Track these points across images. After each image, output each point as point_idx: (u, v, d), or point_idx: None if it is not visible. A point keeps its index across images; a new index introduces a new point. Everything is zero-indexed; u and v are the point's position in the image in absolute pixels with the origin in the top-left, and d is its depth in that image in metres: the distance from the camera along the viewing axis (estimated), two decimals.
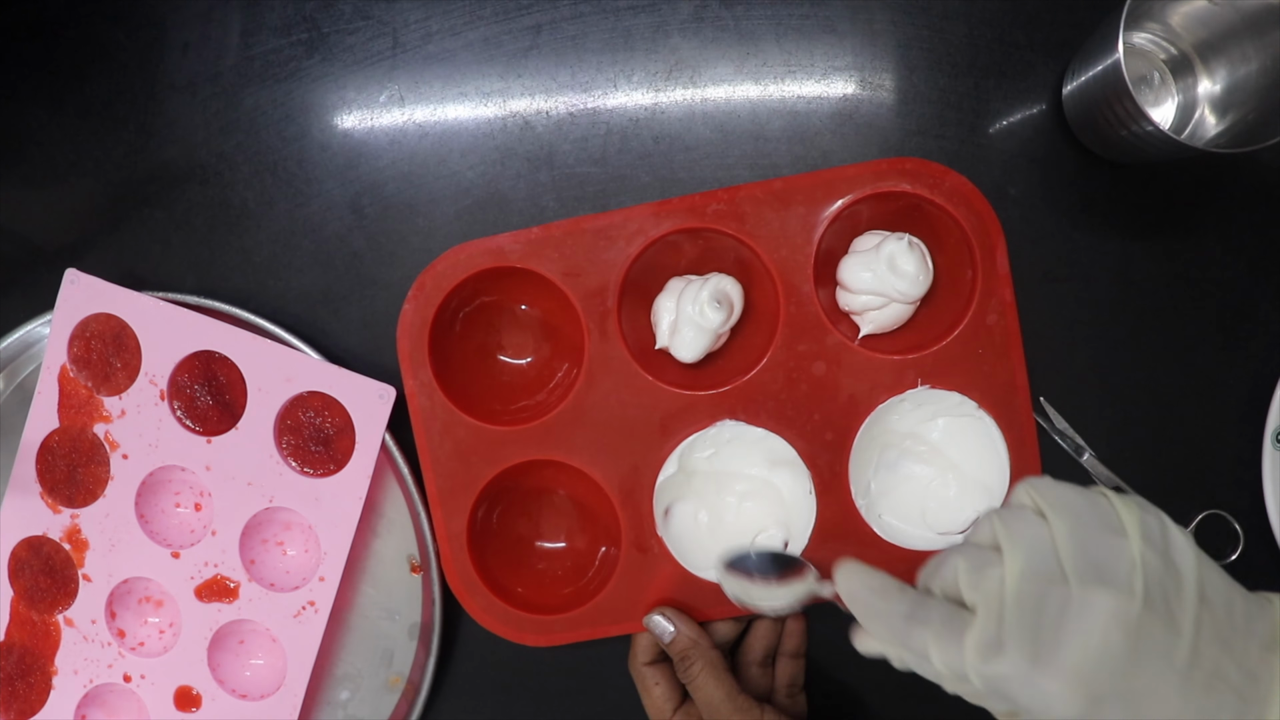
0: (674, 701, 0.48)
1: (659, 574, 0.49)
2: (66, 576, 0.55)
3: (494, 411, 0.50)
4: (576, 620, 0.49)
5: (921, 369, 0.48)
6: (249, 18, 0.54)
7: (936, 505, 0.49)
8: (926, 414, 0.49)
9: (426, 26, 0.53)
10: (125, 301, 0.52)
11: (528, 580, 0.52)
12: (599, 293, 0.48)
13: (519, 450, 0.49)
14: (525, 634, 0.50)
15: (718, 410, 0.48)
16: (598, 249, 0.48)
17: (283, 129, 0.54)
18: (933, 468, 0.50)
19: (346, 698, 0.56)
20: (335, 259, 0.54)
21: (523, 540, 0.53)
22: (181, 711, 0.54)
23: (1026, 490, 0.33)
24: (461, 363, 0.51)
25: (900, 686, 0.53)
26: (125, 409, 0.53)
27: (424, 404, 0.49)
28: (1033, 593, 0.30)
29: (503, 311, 0.52)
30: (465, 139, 0.53)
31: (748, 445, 0.49)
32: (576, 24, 0.52)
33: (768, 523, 0.50)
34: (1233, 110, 0.48)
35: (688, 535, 0.50)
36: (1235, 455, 0.50)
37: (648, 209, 0.48)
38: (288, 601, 0.53)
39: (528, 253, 0.48)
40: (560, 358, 0.52)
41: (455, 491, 0.50)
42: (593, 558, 0.53)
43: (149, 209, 0.56)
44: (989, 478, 0.48)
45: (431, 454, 0.49)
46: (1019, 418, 0.47)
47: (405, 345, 0.49)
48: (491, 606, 0.50)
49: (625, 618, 0.49)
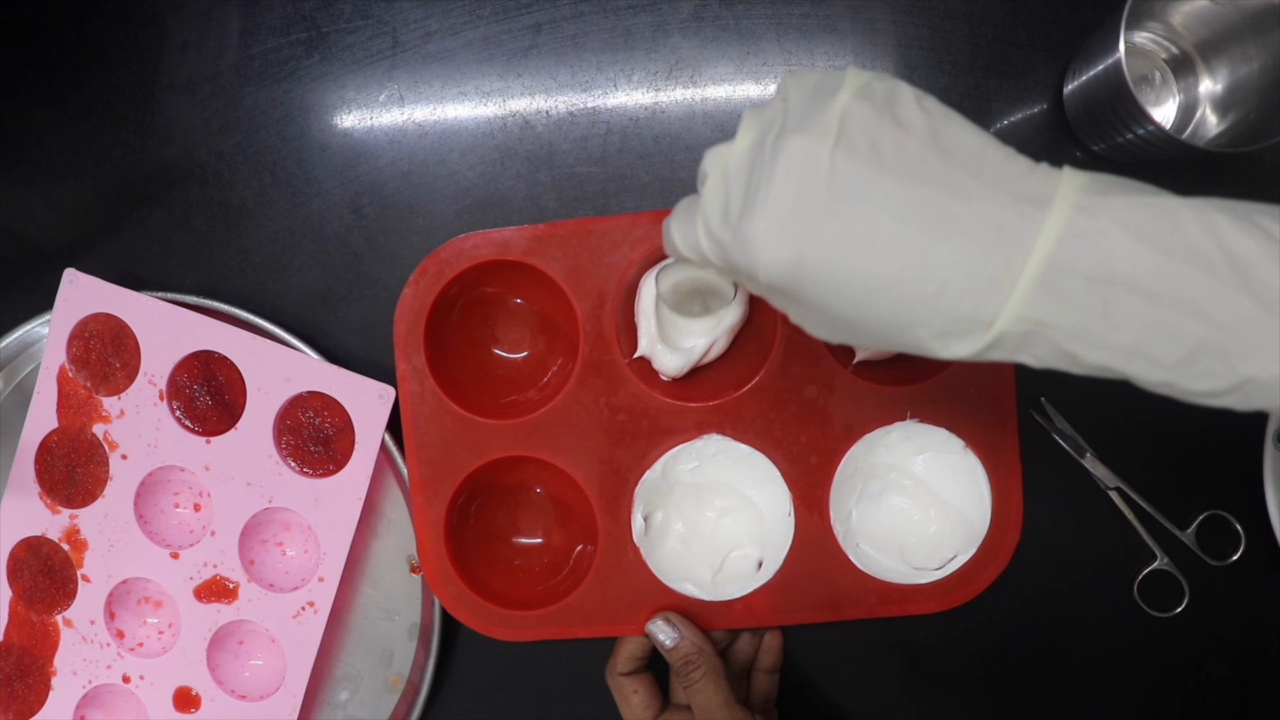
0: (653, 710, 0.48)
1: (631, 580, 0.49)
2: (65, 577, 0.55)
3: (483, 404, 0.50)
4: (545, 618, 0.49)
5: (912, 402, 0.47)
6: (248, 17, 0.54)
7: (916, 540, 0.49)
8: (913, 448, 0.49)
9: (426, 26, 0.53)
10: (124, 301, 0.52)
11: (501, 574, 0.52)
12: (598, 295, 0.48)
13: (504, 444, 0.49)
14: (494, 627, 0.50)
15: (705, 424, 0.48)
16: (601, 251, 0.48)
17: (282, 128, 0.54)
18: (916, 502, 0.50)
19: (346, 698, 0.56)
20: (335, 259, 0.54)
21: (500, 534, 0.53)
22: (180, 712, 0.54)
23: (780, 80, 0.32)
24: (456, 352, 0.51)
25: (873, 711, 0.53)
26: (124, 409, 0.53)
27: (414, 389, 0.49)
28: (751, 156, 0.29)
29: (501, 304, 0.52)
30: (465, 138, 0.53)
31: (732, 461, 0.49)
32: (576, 23, 0.52)
33: (744, 539, 0.50)
34: (1234, 110, 0.48)
35: (663, 545, 0.50)
36: (1236, 455, 0.50)
37: (655, 216, 0.48)
38: (287, 602, 0.52)
39: (532, 248, 0.48)
40: (553, 356, 0.52)
41: (437, 479, 0.50)
42: (568, 557, 0.53)
43: (148, 209, 0.56)
44: (971, 518, 0.48)
45: (417, 440, 0.49)
46: (1005, 461, 0.47)
47: (402, 329, 0.49)
48: (463, 597, 0.50)
49: (595, 620, 0.49)
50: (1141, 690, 0.52)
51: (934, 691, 0.53)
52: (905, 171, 0.27)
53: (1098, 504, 0.51)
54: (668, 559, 0.50)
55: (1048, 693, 0.52)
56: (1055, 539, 0.51)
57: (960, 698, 0.53)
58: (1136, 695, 0.52)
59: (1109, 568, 0.51)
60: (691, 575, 0.49)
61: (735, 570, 0.50)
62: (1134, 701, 0.52)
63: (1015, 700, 0.53)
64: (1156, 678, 0.52)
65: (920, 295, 0.27)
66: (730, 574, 0.50)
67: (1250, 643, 0.51)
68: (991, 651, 0.52)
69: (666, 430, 0.49)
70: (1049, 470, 0.51)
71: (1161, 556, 0.51)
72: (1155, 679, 0.52)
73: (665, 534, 0.50)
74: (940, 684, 0.53)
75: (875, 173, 0.27)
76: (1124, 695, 0.52)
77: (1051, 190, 0.26)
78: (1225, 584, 0.51)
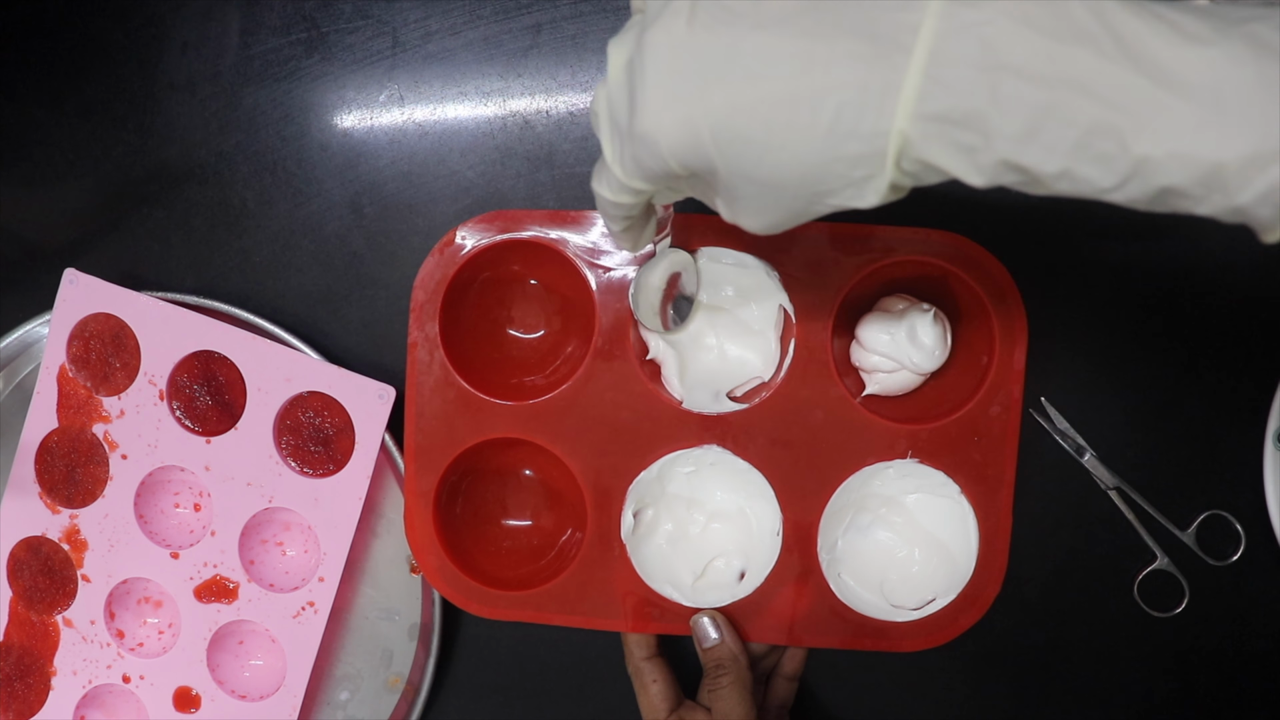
0: (670, 702, 0.48)
1: (613, 576, 0.49)
2: (65, 577, 0.55)
3: (489, 381, 0.50)
4: (524, 600, 0.49)
5: (915, 441, 0.47)
6: (248, 17, 0.54)
7: (897, 578, 0.49)
8: (909, 486, 0.49)
9: (426, 26, 0.53)
10: (124, 301, 0.52)
11: (486, 552, 0.52)
12: (620, 288, 0.48)
13: (505, 425, 0.49)
14: (473, 603, 0.50)
15: (708, 433, 0.48)
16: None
17: (282, 128, 0.54)
18: (902, 539, 0.50)
19: (346, 698, 0.56)
20: (335, 259, 0.54)
21: (488, 513, 0.53)
22: (181, 712, 0.54)
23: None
24: (470, 326, 0.51)
25: (872, 710, 0.53)
26: (124, 409, 0.53)
27: (423, 358, 0.49)
28: (626, 72, 0.30)
29: (521, 285, 0.52)
30: (465, 138, 0.53)
31: (729, 473, 0.49)
32: (576, 23, 0.52)
33: (729, 548, 0.50)
34: None
35: (650, 544, 0.50)
36: (1236, 455, 0.50)
37: (687, 219, 0.47)
38: (287, 602, 0.52)
39: (561, 234, 0.48)
40: (566, 344, 0.52)
41: (432, 450, 0.49)
42: (554, 541, 0.53)
43: (148, 209, 0.56)
44: (956, 563, 0.48)
45: (418, 408, 0.49)
46: (998, 510, 0.48)
47: (420, 296, 0.49)
48: (444, 568, 0.50)
49: (573, 610, 0.49)
50: (1142, 690, 0.52)
51: (933, 691, 0.53)
52: (769, 17, 0.27)
53: (1098, 504, 0.51)
54: (652, 558, 0.50)
55: (1047, 693, 0.52)
56: (1055, 539, 0.51)
57: (960, 697, 0.53)
58: (1137, 695, 0.52)
59: (1109, 568, 0.51)
60: (673, 578, 0.49)
61: (717, 578, 0.50)
62: (1134, 701, 0.52)
63: (1015, 700, 0.53)
64: (1156, 678, 0.52)
65: (819, 128, 0.26)
66: (711, 581, 0.50)
67: (1250, 643, 0.51)
68: (991, 651, 0.52)
69: (669, 435, 0.49)
70: (1049, 470, 0.51)
71: (1161, 556, 0.51)
72: (1155, 679, 0.52)
73: (653, 533, 0.50)
74: (939, 683, 0.53)
75: (738, 29, 0.27)
76: (1124, 695, 0.52)
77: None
78: (1225, 584, 0.51)
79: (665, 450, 0.49)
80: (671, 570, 0.50)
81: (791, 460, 0.48)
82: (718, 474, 0.50)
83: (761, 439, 0.48)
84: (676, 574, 0.50)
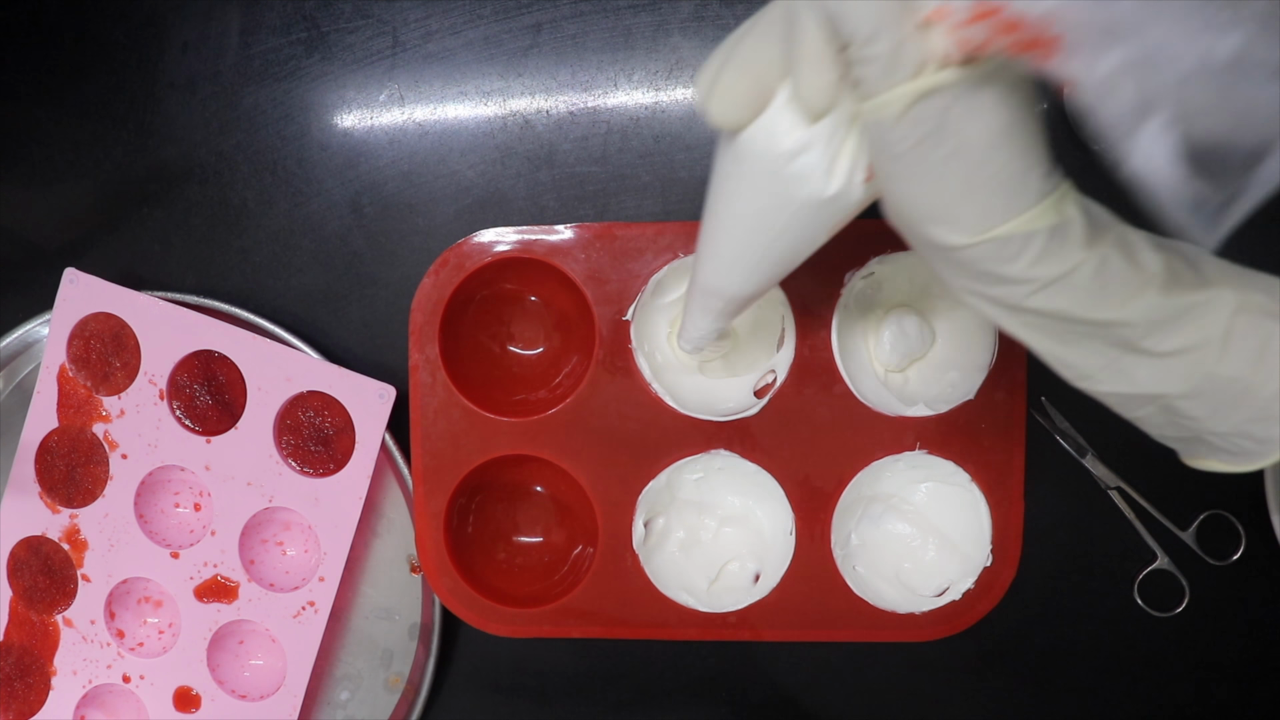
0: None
1: (628, 586, 0.49)
2: (65, 576, 0.55)
3: (493, 399, 0.50)
4: (541, 616, 0.49)
5: (922, 433, 0.48)
6: (248, 17, 0.54)
7: (912, 566, 0.49)
8: (919, 477, 0.49)
9: (426, 25, 0.53)
10: (124, 301, 0.52)
11: (500, 570, 0.52)
12: (617, 300, 0.48)
13: (511, 442, 0.49)
14: (490, 623, 0.50)
15: (715, 438, 0.48)
16: (625, 257, 0.48)
17: (282, 128, 0.54)
18: (915, 529, 0.50)
19: (346, 698, 0.56)
20: (335, 258, 0.54)
21: (500, 531, 0.53)
22: (181, 712, 0.54)
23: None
24: (470, 345, 0.51)
25: (872, 709, 0.53)
26: (124, 409, 0.53)
27: (425, 380, 0.49)
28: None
29: (519, 302, 0.52)
30: (465, 138, 0.53)
31: (738, 476, 0.49)
32: (577, 23, 0.52)
33: (742, 550, 0.50)
34: None
35: (662, 552, 0.50)
36: None
37: (683, 227, 0.47)
38: (287, 602, 0.52)
39: (555, 248, 0.48)
40: (567, 358, 0.52)
41: (440, 471, 0.50)
42: (566, 557, 0.53)
43: (148, 208, 0.56)
44: (969, 549, 0.48)
45: (424, 430, 0.49)
46: (1009, 496, 0.48)
47: (418, 319, 0.49)
48: (459, 590, 0.50)
49: (590, 622, 0.49)
50: (1141, 690, 0.52)
51: (933, 691, 0.53)
52: None
53: (1098, 504, 0.51)
54: (666, 566, 0.50)
55: (1048, 693, 0.52)
56: (1055, 539, 0.51)
57: (960, 697, 0.53)
58: (1136, 695, 0.52)
59: (1109, 568, 0.51)
60: (688, 584, 0.49)
61: (731, 581, 0.50)
62: (1134, 701, 0.52)
63: (1015, 700, 0.53)
64: (1156, 678, 0.52)
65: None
66: (726, 585, 0.50)
67: (1250, 643, 0.51)
68: (991, 651, 0.52)
69: (675, 442, 0.49)
70: (1049, 470, 0.51)
71: (1162, 556, 0.51)
72: (1155, 679, 0.52)
73: (665, 541, 0.50)
74: (940, 683, 0.53)
75: None
76: (1124, 695, 0.52)
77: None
78: (1225, 584, 0.51)
79: (673, 458, 0.49)
80: (685, 577, 0.50)
81: (800, 459, 0.48)
82: (727, 478, 0.50)
83: (768, 440, 0.48)
84: (691, 580, 0.50)
